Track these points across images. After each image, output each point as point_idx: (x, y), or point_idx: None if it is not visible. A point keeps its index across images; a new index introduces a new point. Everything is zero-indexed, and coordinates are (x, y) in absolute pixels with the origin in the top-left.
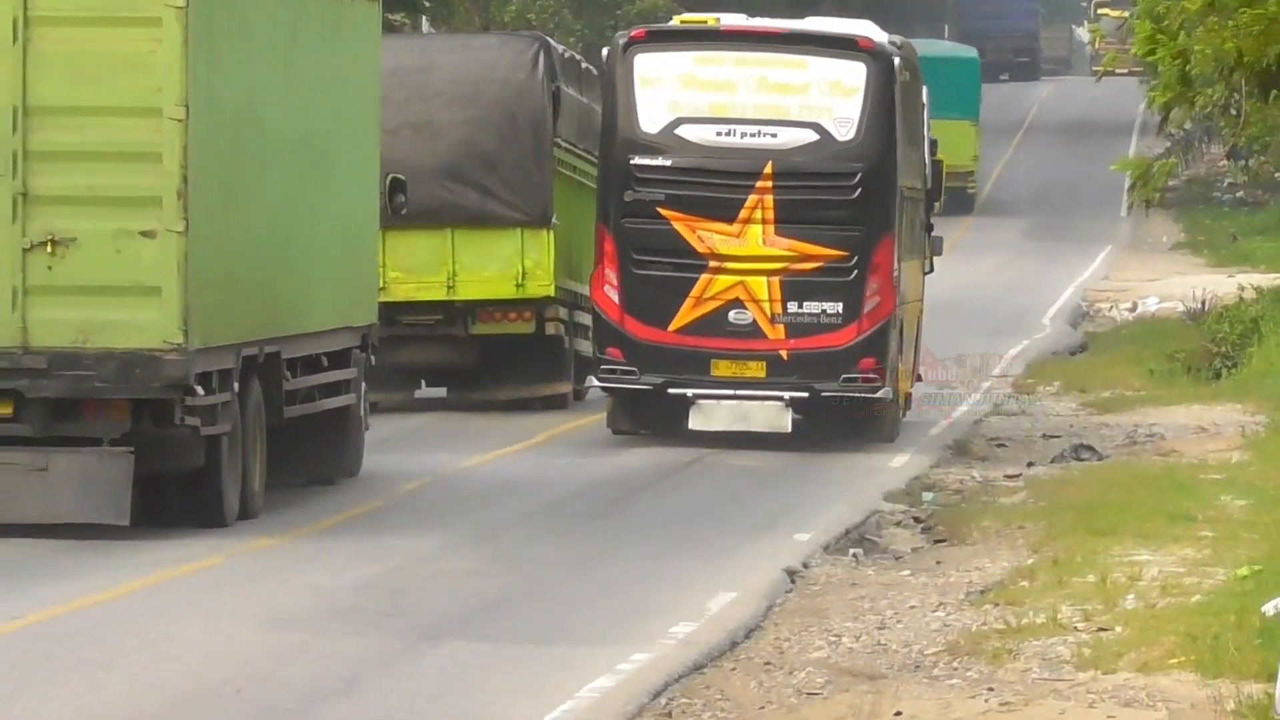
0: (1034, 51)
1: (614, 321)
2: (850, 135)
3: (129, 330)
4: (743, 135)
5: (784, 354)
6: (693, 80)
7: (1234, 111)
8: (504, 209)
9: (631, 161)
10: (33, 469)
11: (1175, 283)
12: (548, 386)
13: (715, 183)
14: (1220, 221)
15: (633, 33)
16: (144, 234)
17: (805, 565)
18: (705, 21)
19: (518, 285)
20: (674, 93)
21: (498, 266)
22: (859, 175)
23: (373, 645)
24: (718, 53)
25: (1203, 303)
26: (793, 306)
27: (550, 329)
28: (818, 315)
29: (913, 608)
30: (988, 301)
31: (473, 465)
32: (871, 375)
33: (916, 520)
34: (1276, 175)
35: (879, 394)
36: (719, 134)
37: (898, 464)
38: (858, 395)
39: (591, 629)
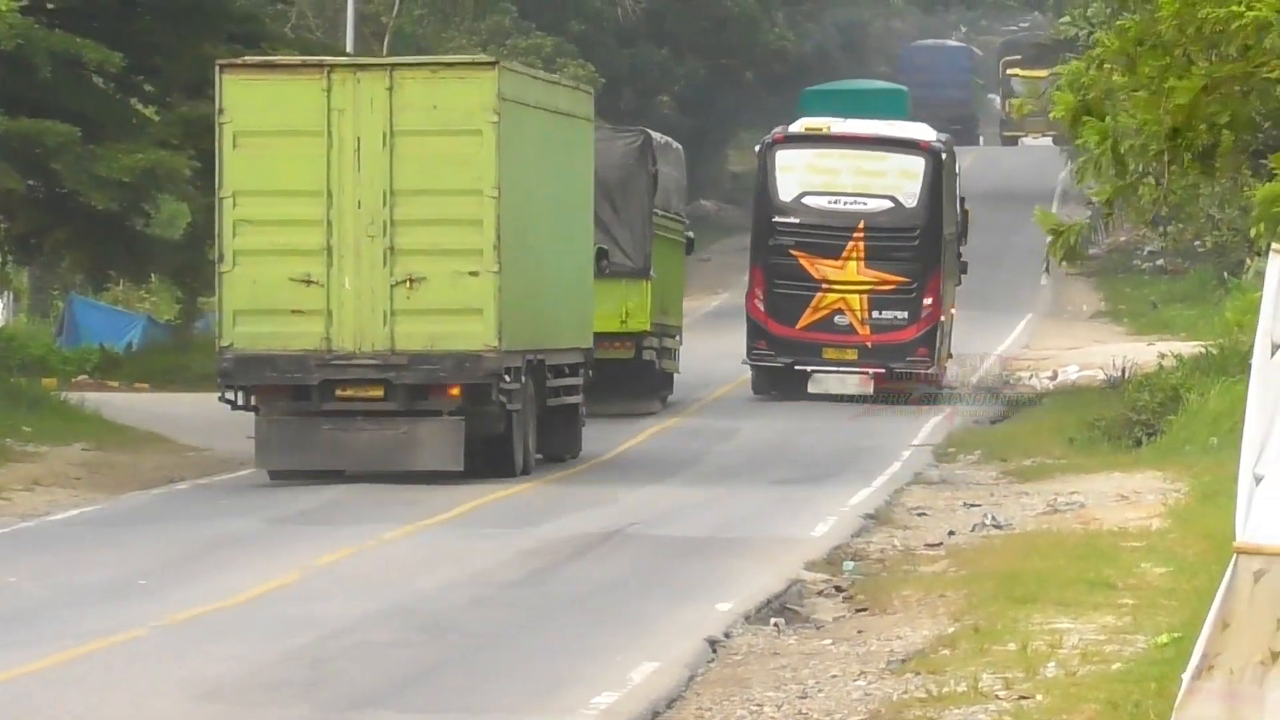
0: (968, 119)
1: (760, 322)
2: (913, 204)
3: (461, 338)
4: (845, 203)
5: (869, 344)
6: (813, 167)
7: (1154, 180)
8: (618, 265)
9: (773, 220)
10: (399, 433)
11: (1095, 351)
12: (643, 404)
13: (827, 234)
14: (1140, 289)
15: (775, 135)
16: (471, 274)
17: (727, 635)
18: (821, 129)
19: (622, 321)
20: (801, 175)
21: (609, 307)
22: (919, 230)
23: (299, 716)
24: (829, 149)
25: (1123, 371)
26: (875, 314)
27: (646, 355)
28: (891, 319)
29: (834, 677)
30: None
31: (395, 537)
32: (925, 359)
33: (838, 589)
34: (1196, 244)
35: (929, 370)
36: (830, 202)
37: (819, 533)
38: (915, 371)
39: (515, 699)
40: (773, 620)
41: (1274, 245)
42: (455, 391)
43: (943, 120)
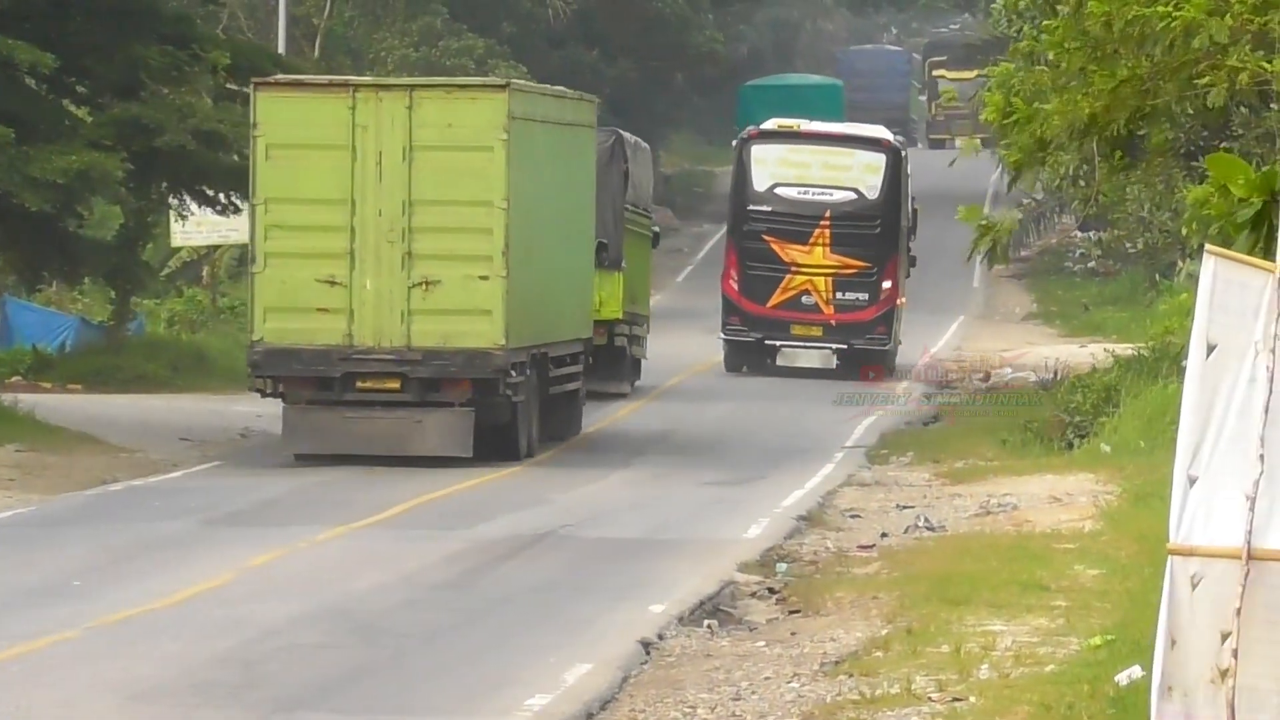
0: (905, 122)
1: (735, 301)
2: (875, 196)
3: (472, 337)
4: (813, 194)
5: (833, 323)
6: (785, 161)
7: (1083, 182)
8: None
9: (748, 208)
10: (413, 421)
11: (1028, 353)
12: (614, 386)
13: (796, 221)
14: (1072, 292)
15: (750, 132)
16: (481, 278)
17: (660, 636)
18: (792, 127)
19: (595, 310)
20: (773, 168)
21: None
22: (879, 220)
23: (230, 718)
24: (800, 145)
25: (1055, 373)
26: (839, 295)
27: (618, 342)
28: (853, 300)
29: (767, 679)
30: (841, 372)
31: (326, 538)
32: (883, 336)
33: (771, 591)
34: (1128, 246)
35: (886, 347)
36: (799, 193)
37: (752, 535)
38: (874, 347)
39: (447, 700)
40: (706, 622)
41: (1207, 247)
42: (465, 385)
43: (881, 123)
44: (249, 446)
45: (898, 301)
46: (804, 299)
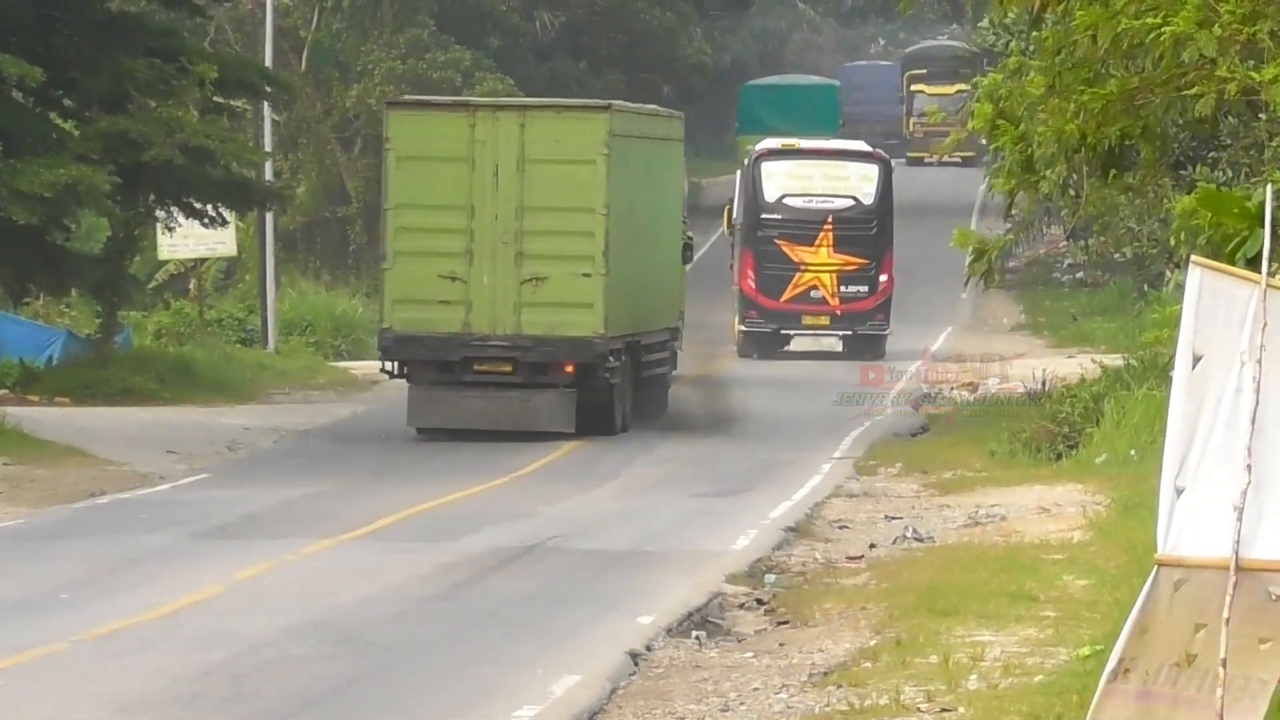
0: (899, 134)
1: (752, 297)
2: (870, 201)
3: (575, 326)
4: (817, 202)
5: (838, 312)
6: (791, 174)
7: (1073, 192)
8: None
9: (761, 216)
10: (523, 401)
11: (1016, 364)
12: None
13: (803, 226)
14: (1060, 302)
15: (760, 151)
16: (584, 275)
17: (648, 648)
18: (794, 145)
19: None
20: (782, 181)
21: None
22: (875, 222)
23: None
24: (804, 160)
25: (1043, 383)
26: (842, 288)
27: None
28: (855, 292)
29: (756, 690)
30: (829, 382)
31: (313, 551)
32: (881, 322)
33: (759, 602)
34: (1116, 256)
35: (885, 332)
36: (805, 202)
37: (740, 546)
38: (875, 333)
39: (435, 712)
40: (694, 633)
41: (1193, 258)
42: (569, 369)
43: (878, 135)
44: (236, 459)
45: (891, 289)
46: (812, 293)
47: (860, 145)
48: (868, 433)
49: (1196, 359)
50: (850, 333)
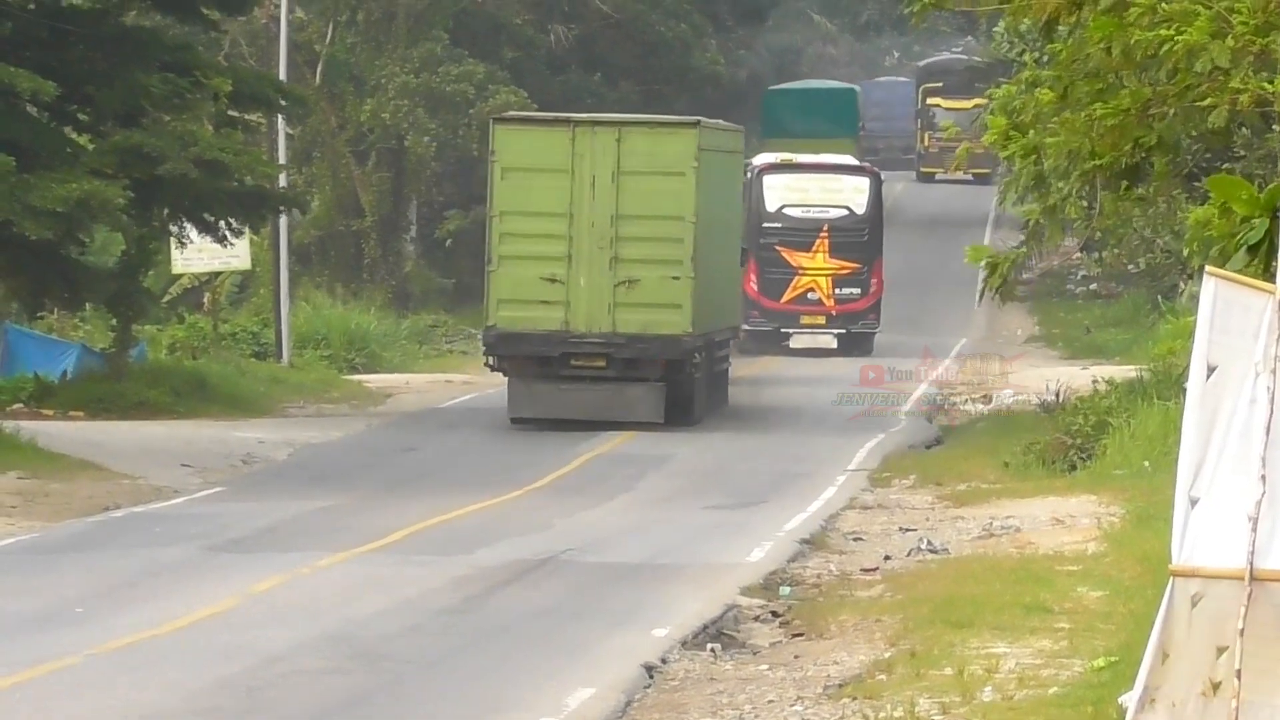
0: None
1: (754, 299)
2: (863, 211)
3: (665, 325)
4: (814, 212)
5: (834, 313)
6: (790, 187)
7: (1086, 204)
8: None
9: (763, 225)
10: (616, 394)
11: (1030, 375)
12: None
13: (802, 234)
14: (1074, 314)
15: (761, 166)
16: (674, 278)
17: (663, 660)
18: (791, 160)
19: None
20: (781, 192)
21: None
22: (866, 230)
23: None
24: (802, 174)
25: (1057, 395)
26: (837, 290)
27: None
28: (849, 294)
29: (771, 702)
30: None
31: (328, 564)
32: (873, 321)
33: (774, 614)
34: (1129, 267)
35: (876, 330)
36: (803, 211)
37: (755, 558)
38: (867, 331)
39: None
40: (709, 646)
41: (1208, 268)
42: (660, 364)
43: (896, 151)
44: (251, 473)
45: (882, 291)
46: (810, 295)
47: (852, 160)
48: (882, 445)
49: (1211, 369)
50: (844, 331)
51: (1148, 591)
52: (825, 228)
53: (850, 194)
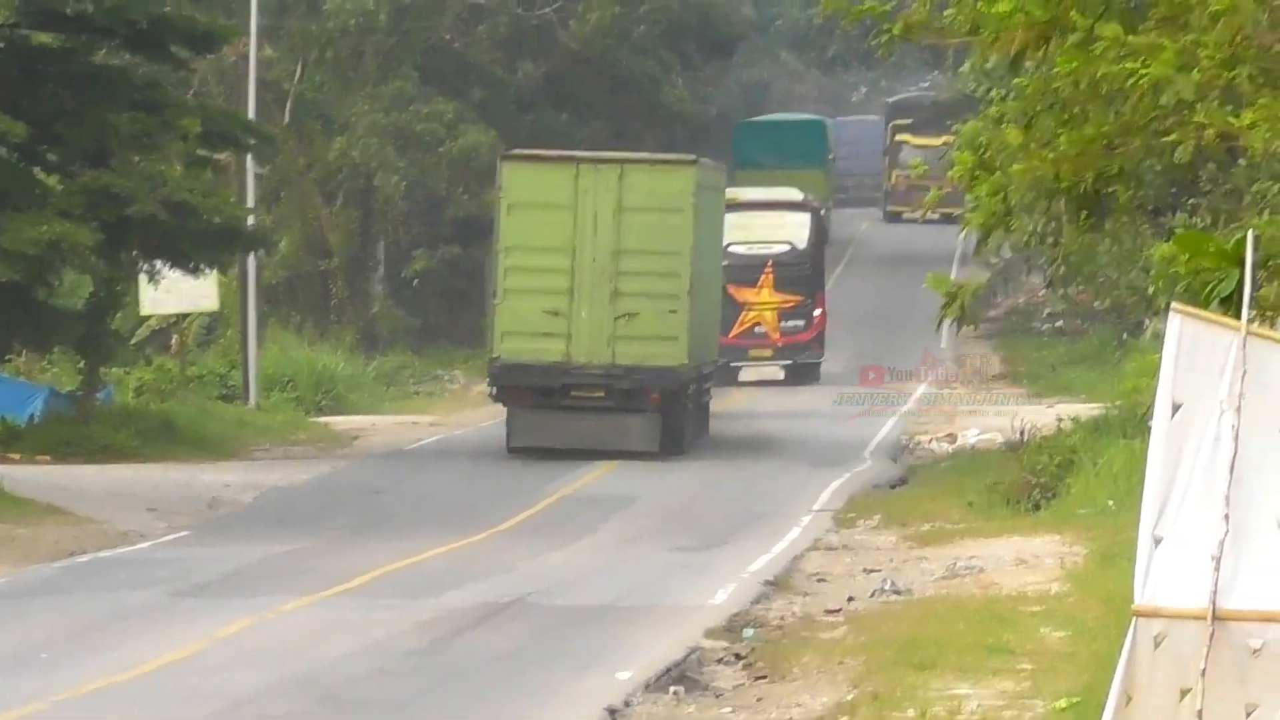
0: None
1: None
2: (804, 246)
3: (663, 357)
4: (758, 248)
5: (780, 345)
6: (735, 225)
7: (1052, 240)
8: None
9: None
10: (615, 424)
11: (995, 414)
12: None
13: (747, 270)
14: (1040, 352)
15: None
16: (671, 311)
17: (627, 704)
18: (736, 198)
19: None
20: (728, 231)
21: None
22: (808, 264)
23: None
24: (747, 211)
25: (1022, 434)
26: (782, 324)
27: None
28: (793, 327)
29: None
30: (808, 434)
31: (294, 608)
32: (817, 352)
33: (738, 657)
34: (1095, 305)
35: (820, 360)
36: (747, 248)
37: (718, 600)
38: (811, 361)
39: None
40: (672, 688)
41: (1174, 305)
42: (656, 395)
43: (867, 189)
44: (217, 517)
45: (824, 323)
46: (756, 329)
47: (794, 196)
48: (847, 484)
49: (1176, 407)
50: (790, 362)
51: (1111, 632)
52: (769, 263)
53: (792, 230)
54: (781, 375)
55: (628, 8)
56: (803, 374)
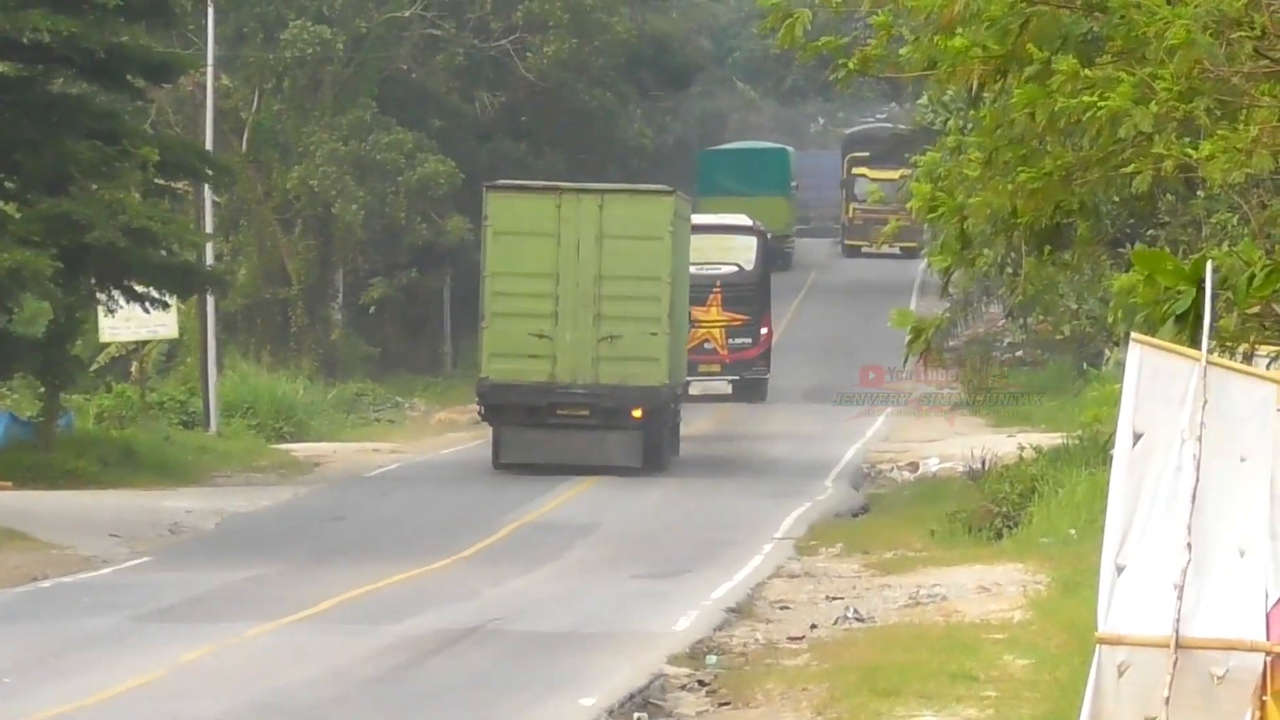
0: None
1: None
2: (751, 267)
3: (644, 377)
4: (707, 269)
5: (728, 361)
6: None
7: (1011, 270)
8: None
9: None
10: (599, 441)
11: (956, 443)
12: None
13: (697, 290)
14: (1000, 381)
15: None
16: (651, 334)
17: None
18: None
19: None
20: None
21: None
22: (754, 285)
23: None
24: (697, 235)
25: (983, 462)
26: (730, 340)
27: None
28: (741, 344)
29: None
30: (769, 463)
31: (256, 634)
32: (763, 368)
33: (701, 683)
34: (1055, 334)
35: (766, 376)
36: (698, 269)
37: (681, 627)
38: (758, 376)
39: None
40: (635, 715)
41: (1134, 335)
42: (638, 414)
43: (827, 220)
44: (179, 542)
45: (770, 340)
46: (705, 345)
47: (742, 220)
48: (809, 513)
49: (1137, 436)
50: (737, 378)
51: (1074, 659)
52: (718, 283)
53: (740, 252)
54: (729, 390)
55: (584, 39)
56: (749, 389)
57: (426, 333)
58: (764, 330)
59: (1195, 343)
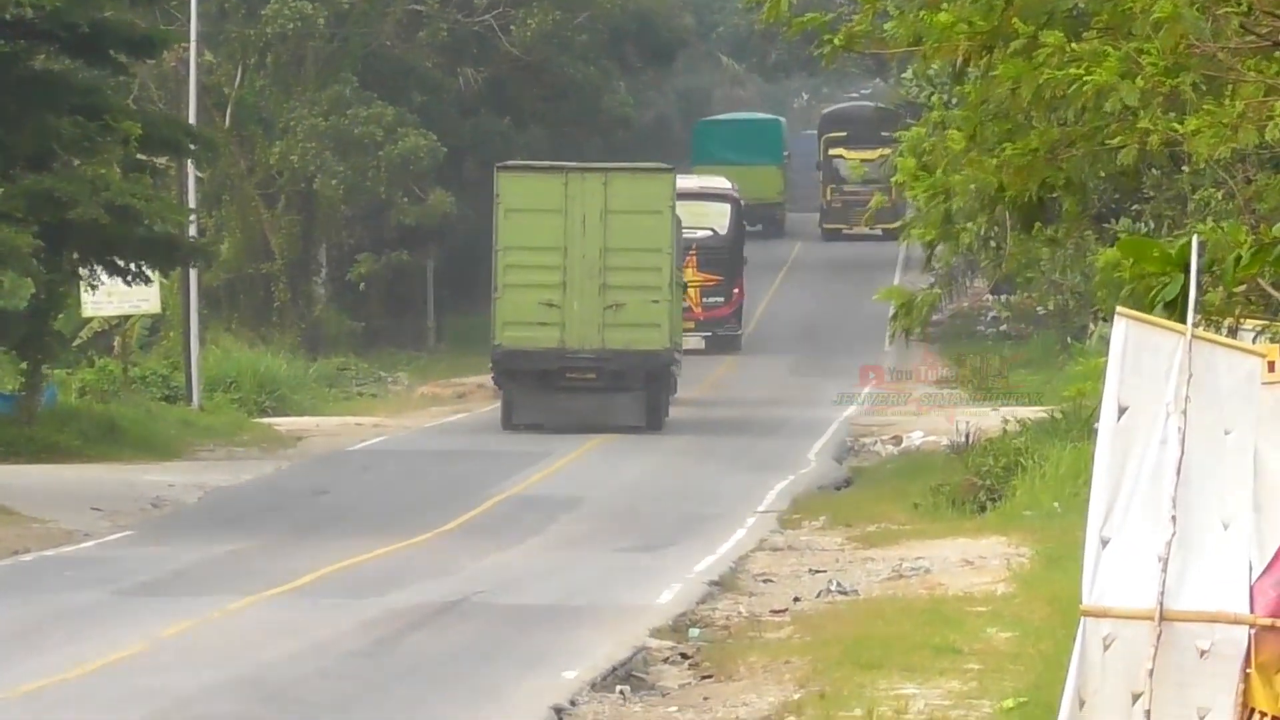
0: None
1: None
2: (725, 232)
3: (647, 342)
4: (685, 233)
5: (702, 318)
6: None
7: (994, 245)
8: None
9: None
10: (605, 402)
11: (939, 416)
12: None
13: None
14: (985, 356)
15: None
16: (654, 302)
17: (573, 703)
18: None
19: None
20: None
21: None
22: (727, 248)
23: None
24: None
25: (967, 436)
26: (705, 300)
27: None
28: (714, 303)
29: None
30: (753, 437)
31: (239, 607)
32: (734, 325)
33: (684, 656)
34: (1039, 309)
35: (738, 332)
36: None
37: (664, 600)
38: (730, 333)
39: None
40: (619, 688)
41: (1119, 309)
42: (642, 376)
43: (811, 198)
44: (161, 516)
45: (742, 299)
46: (682, 304)
47: (717, 186)
48: (792, 486)
49: (1122, 410)
50: (710, 334)
51: (1057, 632)
52: (694, 246)
53: (715, 217)
54: (703, 345)
55: (568, 14)
56: (723, 344)
57: (411, 309)
58: (736, 290)
59: (1181, 318)
